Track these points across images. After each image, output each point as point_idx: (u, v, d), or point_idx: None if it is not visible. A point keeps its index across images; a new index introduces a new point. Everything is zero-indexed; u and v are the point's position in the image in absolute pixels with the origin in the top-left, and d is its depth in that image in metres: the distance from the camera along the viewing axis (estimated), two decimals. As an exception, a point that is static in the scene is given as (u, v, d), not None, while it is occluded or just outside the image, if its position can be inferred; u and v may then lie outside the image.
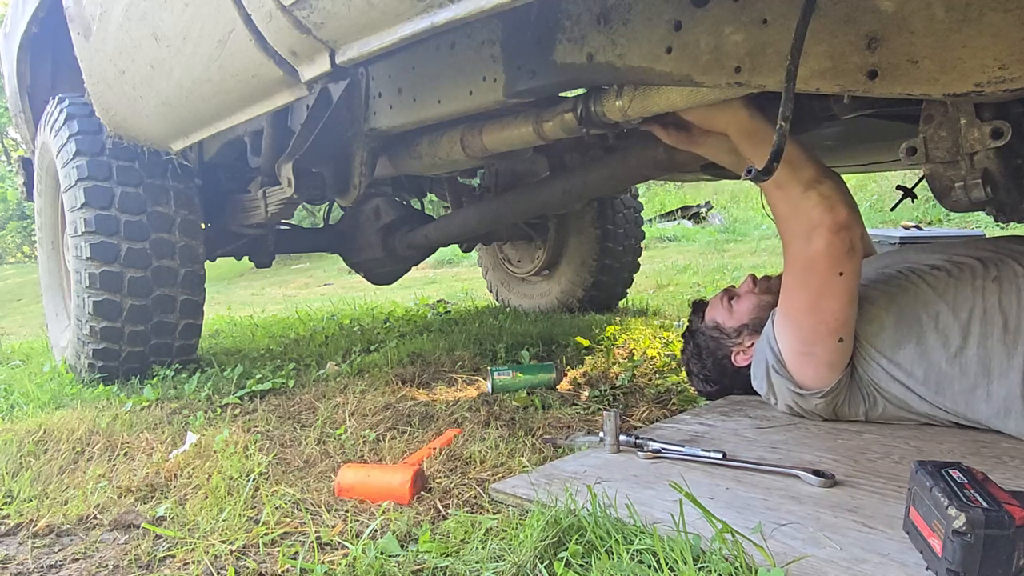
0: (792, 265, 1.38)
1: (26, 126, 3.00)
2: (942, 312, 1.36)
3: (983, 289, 1.34)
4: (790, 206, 1.34)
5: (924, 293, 1.40)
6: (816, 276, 1.34)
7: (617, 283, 3.71)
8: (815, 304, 1.37)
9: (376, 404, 1.91)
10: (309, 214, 8.80)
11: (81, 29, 1.90)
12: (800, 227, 1.33)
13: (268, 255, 3.15)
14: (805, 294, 1.38)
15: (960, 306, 1.35)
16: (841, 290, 1.33)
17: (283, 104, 1.43)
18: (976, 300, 1.34)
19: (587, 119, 1.46)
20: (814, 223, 1.30)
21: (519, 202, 2.31)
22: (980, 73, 0.86)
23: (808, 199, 1.30)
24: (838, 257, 1.30)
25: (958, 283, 1.37)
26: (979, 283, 1.35)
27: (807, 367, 1.43)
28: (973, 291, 1.35)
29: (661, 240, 8.86)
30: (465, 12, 0.90)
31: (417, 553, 1.04)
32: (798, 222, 1.33)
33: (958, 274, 1.39)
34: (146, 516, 1.27)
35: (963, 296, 1.35)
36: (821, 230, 1.29)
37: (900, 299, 1.41)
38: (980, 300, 1.33)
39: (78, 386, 2.39)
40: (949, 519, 0.80)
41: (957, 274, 1.39)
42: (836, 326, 1.36)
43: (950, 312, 1.35)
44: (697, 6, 1.06)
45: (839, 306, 1.34)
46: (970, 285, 1.36)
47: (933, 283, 1.40)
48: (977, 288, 1.35)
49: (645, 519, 1.04)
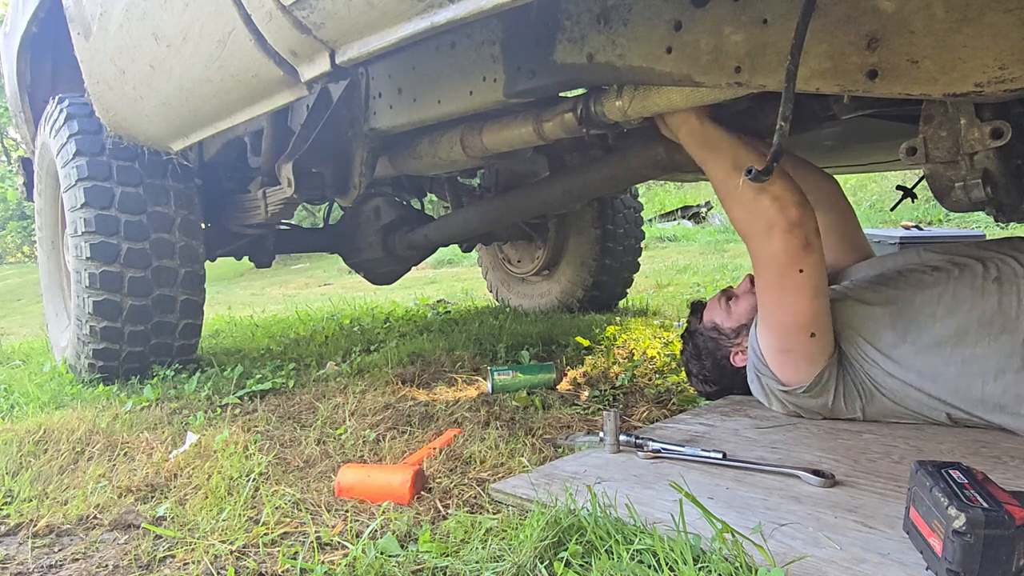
0: (756, 266, 1.42)
1: (26, 126, 3.00)
2: (940, 311, 1.37)
3: (983, 290, 1.35)
4: (745, 210, 1.37)
5: (923, 293, 1.40)
6: (776, 274, 1.37)
7: (617, 283, 3.71)
8: (780, 302, 1.40)
9: (376, 404, 1.91)
10: (309, 214, 8.82)
11: (81, 29, 1.90)
12: (756, 229, 1.36)
13: (268, 255, 3.14)
14: (770, 294, 1.42)
15: (959, 306, 1.35)
16: (803, 285, 1.35)
17: (283, 104, 1.43)
18: (975, 300, 1.34)
19: (587, 119, 1.46)
20: (769, 224, 1.33)
21: (519, 202, 2.31)
22: (980, 73, 0.86)
23: (760, 202, 1.33)
24: (795, 254, 1.33)
25: (957, 283, 1.38)
26: (979, 283, 1.36)
27: (787, 364, 1.46)
28: (972, 291, 1.35)
29: (661, 240, 8.86)
30: (465, 12, 0.90)
31: (417, 553, 1.04)
32: (754, 224, 1.36)
33: (958, 275, 1.39)
34: (146, 516, 1.27)
35: (962, 296, 1.36)
36: (776, 230, 1.33)
37: (899, 299, 1.42)
38: (979, 300, 1.34)
39: (78, 386, 2.39)
40: (949, 519, 0.80)
41: (957, 275, 1.39)
42: (804, 321, 1.39)
43: (949, 312, 1.36)
44: (697, 6, 1.06)
45: (804, 302, 1.37)
46: (969, 286, 1.36)
47: (932, 283, 1.41)
48: (977, 288, 1.35)
49: (645, 519, 1.04)
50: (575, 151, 2.27)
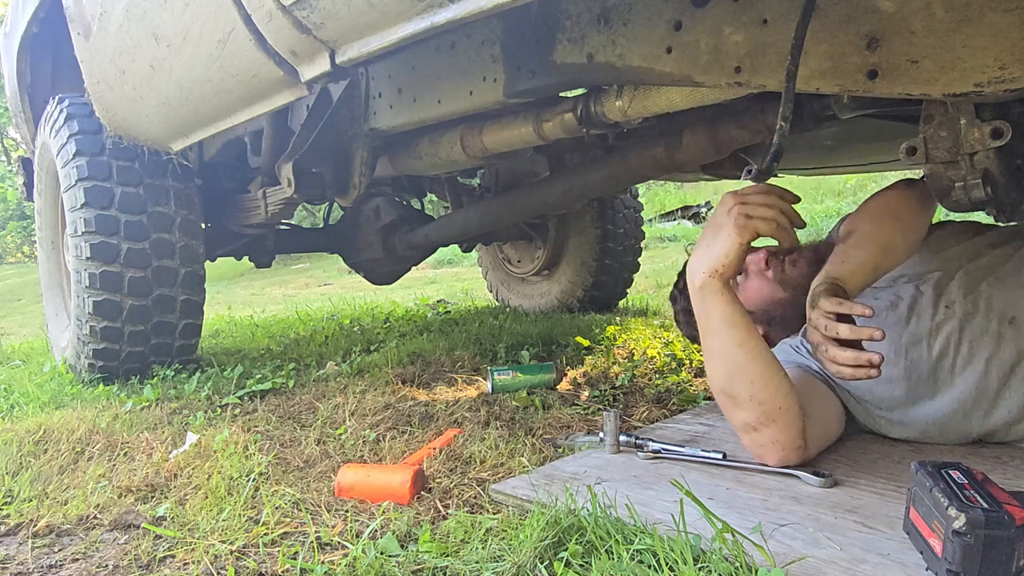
0: None
1: (26, 126, 3.00)
2: (959, 365, 1.27)
3: (1000, 335, 1.25)
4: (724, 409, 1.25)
5: (938, 344, 1.29)
6: None
7: (617, 283, 3.71)
8: None
9: (376, 404, 1.91)
10: (309, 214, 8.81)
11: (81, 29, 1.90)
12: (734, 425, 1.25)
13: (268, 255, 3.15)
14: None
15: (976, 355, 1.26)
16: None
17: (283, 104, 1.43)
18: (951, 340, 1.27)
19: (587, 119, 1.46)
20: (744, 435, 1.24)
21: (519, 202, 2.31)
22: (980, 73, 0.86)
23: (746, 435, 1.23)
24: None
25: (931, 320, 1.29)
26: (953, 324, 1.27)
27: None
28: (989, 337, 1.25)
29: (661, 240, 8.86)
30: (465, 12, 0.90)
31: (417, 553, 1.04)
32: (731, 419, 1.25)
33: (945, 311, 1.29)
34: (146, 516, 1.27)
35: (943, 333, 1.28)
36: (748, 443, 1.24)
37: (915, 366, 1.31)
38: (997, 348, 1.24)
39: (78, 386, 2.39)
40: (949, 519, 0.80)
41: (944, 311, 1.29)
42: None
43: (965, 365, 1.26)
44: (697, 6, 1.06)
45: None
46: (982, 333, 1.26)
47: (939, 327, 1.29)
48: (992, 334, 1.26)
49: (645, 519, 1.04)
50: (575, 151, 2.27)
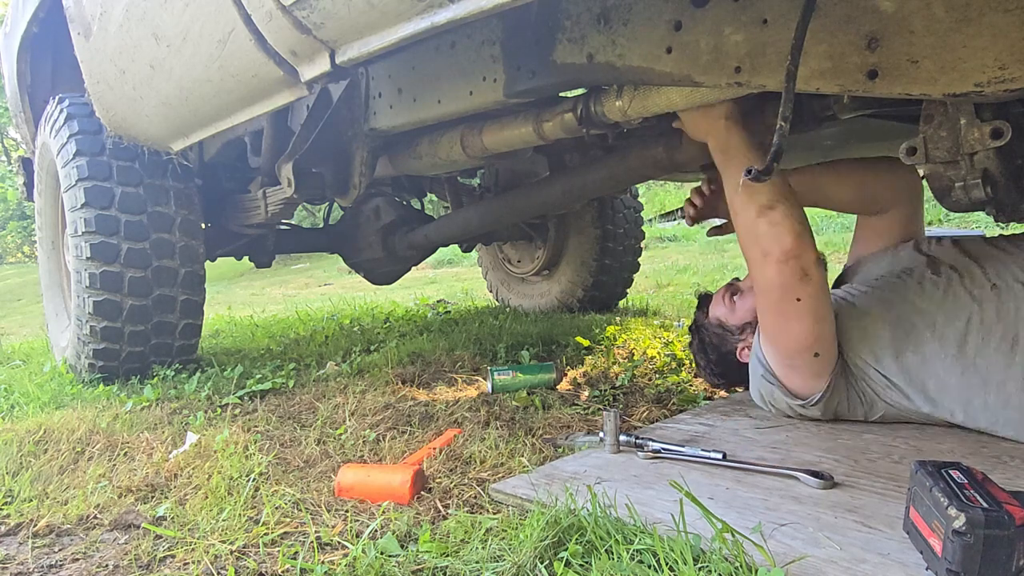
0: (755, 288, 1.39)
1: (26, 126, 3.00)
2: (939, 322, 1.34)
3: (981, 298, 1.33)
4: (745, 231, 1.34)
5: (920, 302, 1.38)
6: (774, 301, 1.35)
7: (617, 283, 3.71)
8: (781, 325, 1.38)
9: (376, 404, 1.91)
10: (309, 214, 8.82)
11: (81, 29, 1.90)
12: (753, 253, 1.33)
13: (268, 255, 3.15)
14: (770, 317, 1.39)
15: (957, 315, 1.33)
16: (803, 312, 1.32)
17: (283, 104, 1.43)
18: (973, 308, 1.32)
19: (587, 119, 1.46)
20: (764, 251, 1.30)
21: (519, 202, 2.31)
22: (980, 73, 0.86)
23: (758, 226, 1.29)
24: (790, 285, 1.29)
25: (956, 290, 1.36)
26: (977, 292, 1.34)
27: (794, 377, 1.44)
28: (971, 299, 1.33)
29: (661, 240, 8.87)
30: (465, 12, 0.90)
31: (417, 553, 1.04)
32: (752, 248, 1.33)
33: (958, 280, 1.37)
34: (146, 516, 1.27)
35: (961, 304, 1.34)
36: (770, 259, 1.29)
37: (896, 309, 1.40)
38: (977, 309, 1.32)
39: (78, 386, 2.39)
40: (949, 519, 0.80)
41: (957, 280, 1.37)
42: (808, 343, 1.36)
43: (947, 321, 1.34)
44: (697, 6, 1.06)
45: (804, 327, 1.35)
46: (967, 293, 1.34)
47: (931, 291, 1.39)
48: (975, 297, 1.33)
49: (645, 519, 1.04)
50: (575, 151, 2.27)
